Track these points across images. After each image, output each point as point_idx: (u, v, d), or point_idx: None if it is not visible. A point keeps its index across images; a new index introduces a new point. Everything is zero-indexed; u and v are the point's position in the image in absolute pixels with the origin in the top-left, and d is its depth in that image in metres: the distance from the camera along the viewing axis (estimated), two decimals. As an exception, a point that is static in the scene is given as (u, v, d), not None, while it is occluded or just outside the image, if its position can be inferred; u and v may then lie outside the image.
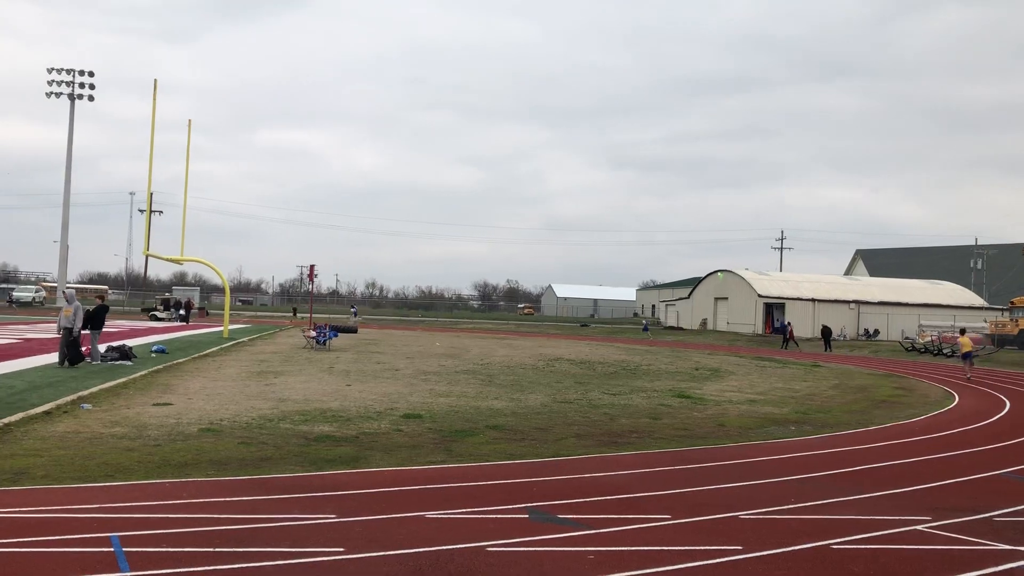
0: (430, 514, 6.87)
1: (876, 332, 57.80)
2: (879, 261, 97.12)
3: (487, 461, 9.57)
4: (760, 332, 60.31)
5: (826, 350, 43.50)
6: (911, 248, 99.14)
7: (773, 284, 64.38)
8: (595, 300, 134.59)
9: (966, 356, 25.83)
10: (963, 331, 28.93)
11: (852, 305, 60.87)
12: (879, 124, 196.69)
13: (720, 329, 66.14)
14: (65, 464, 8.40)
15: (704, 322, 70.85)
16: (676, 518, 7.09)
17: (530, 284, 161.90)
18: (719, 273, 70.27)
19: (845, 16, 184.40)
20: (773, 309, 62.03)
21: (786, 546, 6.33)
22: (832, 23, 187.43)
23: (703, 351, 39.29)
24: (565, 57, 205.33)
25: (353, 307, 66.06)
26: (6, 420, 10.68)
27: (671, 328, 73.34)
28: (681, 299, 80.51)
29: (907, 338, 50.57)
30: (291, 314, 75.35)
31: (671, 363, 28.79)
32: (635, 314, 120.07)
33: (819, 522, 7.21)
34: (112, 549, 5.61)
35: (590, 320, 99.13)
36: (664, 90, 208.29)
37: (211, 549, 5.68)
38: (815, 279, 67.10)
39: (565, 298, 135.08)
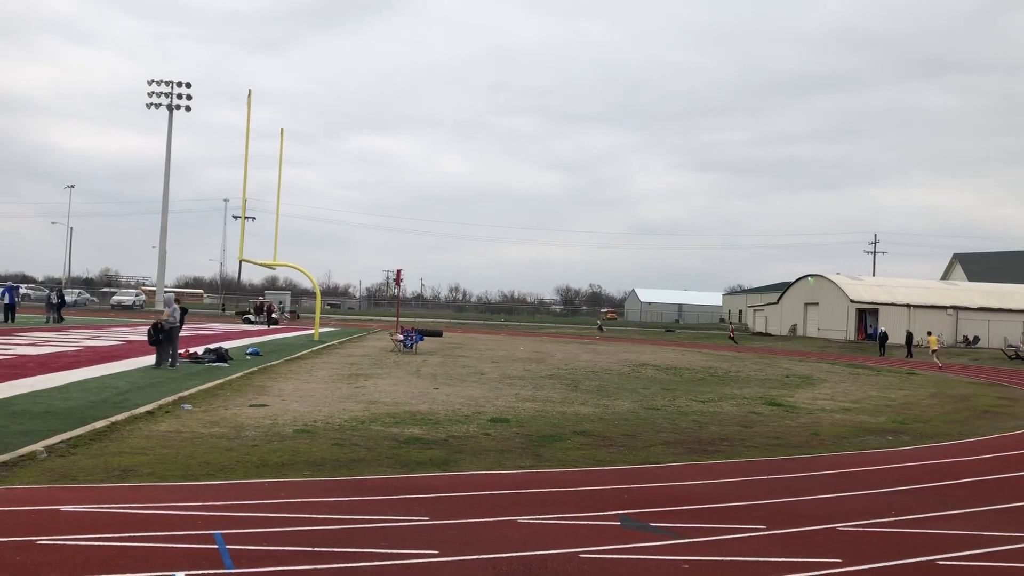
0: (522, 518, 6.88)
1: (976, 339, 55.51)
2: (979, 265, 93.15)
3: (576, 467, 9.53)
4: (852, 338, 58.63)
5: (907, 356, 42.06)
6: (1014, 252, 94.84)
7: (866, 289, 62.52)
8: (680, 305, 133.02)
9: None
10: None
11: (950, 311, 58.65)
12: (981, 122, 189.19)
13: (810, 335, 64.55)
14: (169, 462, 8.71)
15: (794, 328, 69.26)
16: (772, 528, 6.93)
17: (613, 289, 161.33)
18: (809, 278, 68.61)
19: (946, 11, 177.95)
20: (866, 315, 60.23)
21: (889, 560, 6.12)
22: (930, 19, 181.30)
23: (793, 358, 38.40)
24: (651, 59, 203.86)
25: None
26: (113, 419, 11.16)
27: (759, 334, 71.87)
28: (769, 304, 78.87)
29: (1010, 345, 48.46)
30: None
31: (760, 370, 28.22)
32: (721, 319, 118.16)
33: (923, 536, 6.95)
34: (216, 546, 5.78)
35: (675, 325, 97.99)
36: (753, 90, 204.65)
37: (310, 548, 5.80)
38: (910, 283, 64.92)
39: (649, 303, 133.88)
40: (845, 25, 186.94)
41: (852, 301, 60.52)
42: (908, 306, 58.49)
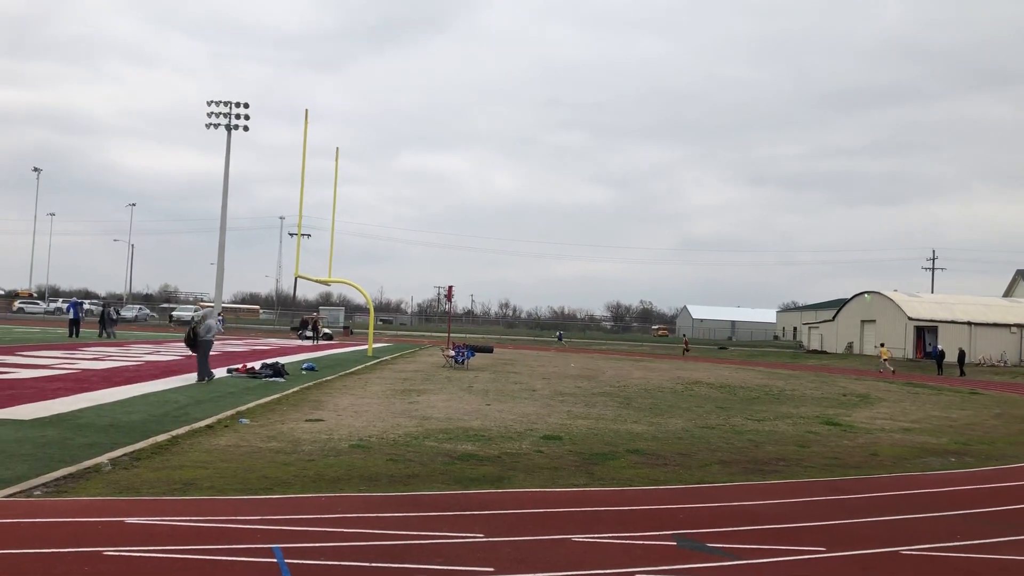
0: (576, 537, 6.86)
1: (1042, 358, 53.93)
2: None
3: (630, 486, 9.47)
4: (911, 356, 57.35)
5: (960, 375, 41.00)
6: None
7: (924, 306, 61.17)
8: (732, 322, 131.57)
9: None
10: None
11: (1013, 329, 57.08)
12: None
13: (867, 353, 63.25)
14: (228, 476, 8.87)
15: (850, 345, 68.00)
16: (832, 551, 6.81)
17: (664, 305, 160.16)
18: (866, 294, 67.37)
19: (1007, 21, 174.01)
20: (925, 332, 58.88)
21: (955, 586, 5.97)
22: (991, 29, 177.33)
23: (849, 376, 37.69)
24: (702, 72, 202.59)
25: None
26: (174, 433, 11.41)
27: (814, 351, 70.68)
28: (825, 321, 77.58)
29: (1078, 365, 46.91)
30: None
31: (816, 388, 27.75)
32: (775, 336, 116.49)
33: (993, 562, 6.77)
34: (275, 560, 5.87)
35: (728, 343, 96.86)
36: (807, 103, 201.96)
37: (368, 564, 5.86)
38: (970, 301, 63.34)
39: (701, 320, 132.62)
40: (902, 36, 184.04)
41: (910, 319, 59.25)
42: (969, 324, 57.06)
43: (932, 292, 77.43)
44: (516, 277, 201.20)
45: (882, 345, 38.57)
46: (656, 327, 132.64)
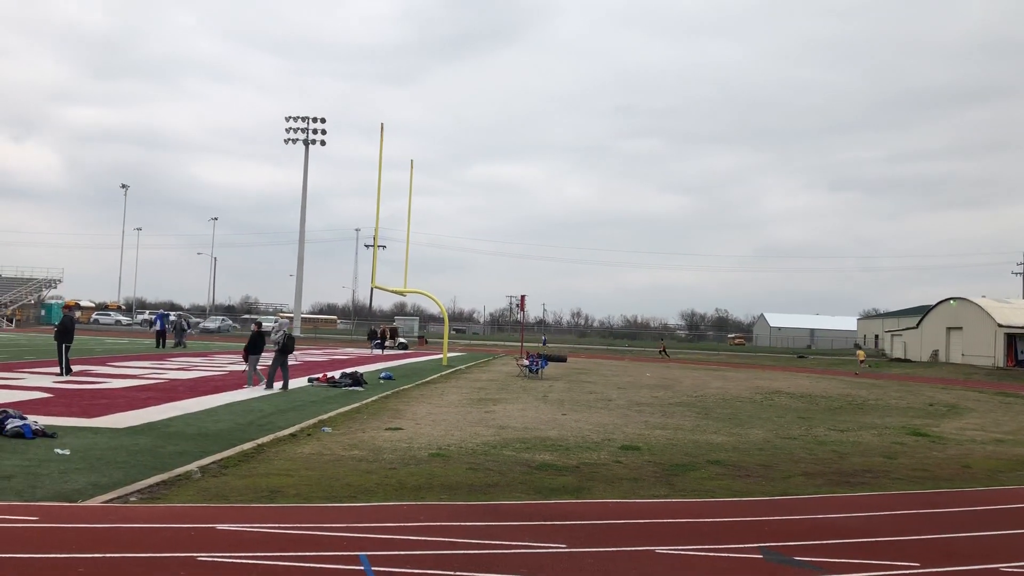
0: (660, 549, 6.79)
1: None
2: None
3: (712, 497, 9.34)
4: (1001, 365, 55.19)
5: None
6: None
7: (1016, 312, 58.82)
8: (811, 330, 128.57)
9: None
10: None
11: (1113, 336, 54.45)
12: None
13: (953, 361, 61.14)
14: (313, 484, 9.05)
15: (935, 354, 65.79)
16: (926, 566, 6.59)
17: (740, 313, 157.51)
18: (951, 301, 65.15)
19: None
20: (1016, 340, 56.61)
21: (1060, 606, 5.72)
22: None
23: (935, 385, 36.46)
24: (779, 76, 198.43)
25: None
26: (259, 441, 11.69)
27: (897, 360, 68.61)
28: (908, 329, 75.24)
29: None
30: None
31: (901, 398, 26.93)
32: (856, 345, 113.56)
33: (1097, 581, 6.46)
34: (361, 567, 5.96)
35: (807, 351, 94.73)
36: (890, 105, 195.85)
37: (452, 572, 5.90)
38: (1066, 307, 60.66)
39: (779, 328, 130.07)
40: (989, 33, 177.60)
41: (1000, 325, 57.03)
42: (1065, 331, 54.68)
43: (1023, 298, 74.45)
44: (588, 286, 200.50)
45: (857, 347, 39.62)
46: (732, 336, 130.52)
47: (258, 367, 20.38)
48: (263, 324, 21.82)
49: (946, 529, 8.08)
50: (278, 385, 19.72)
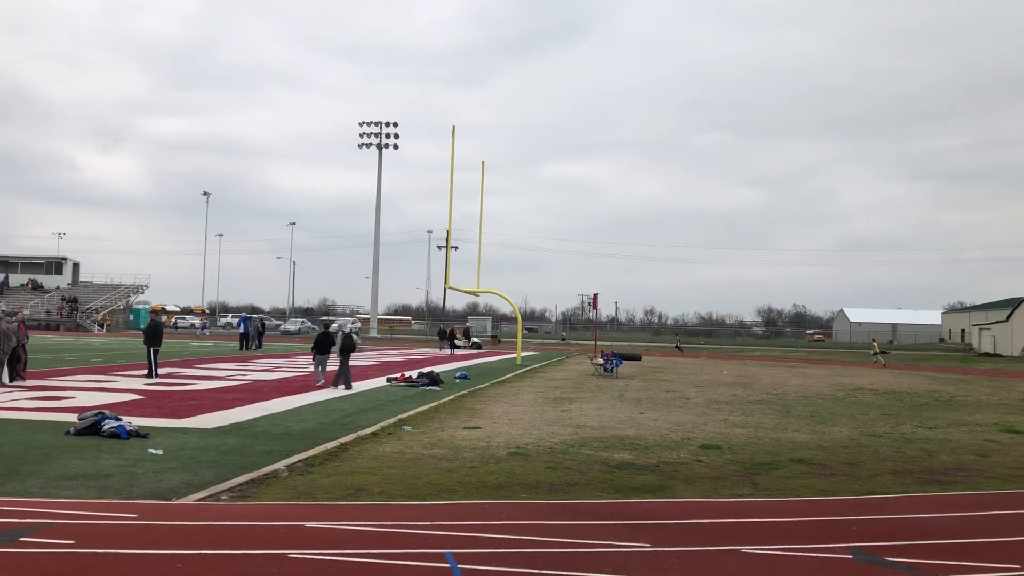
0: (746, 549, 6.70)
1: None
2: None
3: (796, 496, 9.17)
4: (1099, 359, 52.78)
5: None
6: None
7: (1114, 304, 56.17)
8: (893, 325, 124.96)
9: None
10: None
11: None
12: None
13: (1048, 356, 58.71)
14: (396, 482, 9.19)
15: (1027, 348, 63.29)
16: (1027, 569, 6.36)
17: (819, 309, 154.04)
18: (1044, 292, 62.53)
19: None
20: (1115, 333, 54.07)
21: None
22: None
23: (1029, 380, 35.05)
24: (855, 65, 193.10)
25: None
26: (342, 440, 11.93)
27: (985, 354, 66.19)
28: (998, 322, 72.55)
29: None
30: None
31: (992, 393, 25.98)
32: (941, 339, 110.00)
33: None
34: (447, 565, 6.03)
35: (889, 347, 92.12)
36: (974, 92, 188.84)
37: (537, 570, 5.93)
38: None
39: (859, 323, 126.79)
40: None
41: (1098, 317, 54.56)
42: None
43: (1122, 288, 71.13)
44: (661, 283, 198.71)
45: (873, 340, 43.47)
46: (811, 332, 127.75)
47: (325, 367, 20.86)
48: (330, 325, 22.38)
49: (1046, 530, 7.77)
50: (341, 387, 20.06)
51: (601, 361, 30.65)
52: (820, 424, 16.17)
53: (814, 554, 6.64)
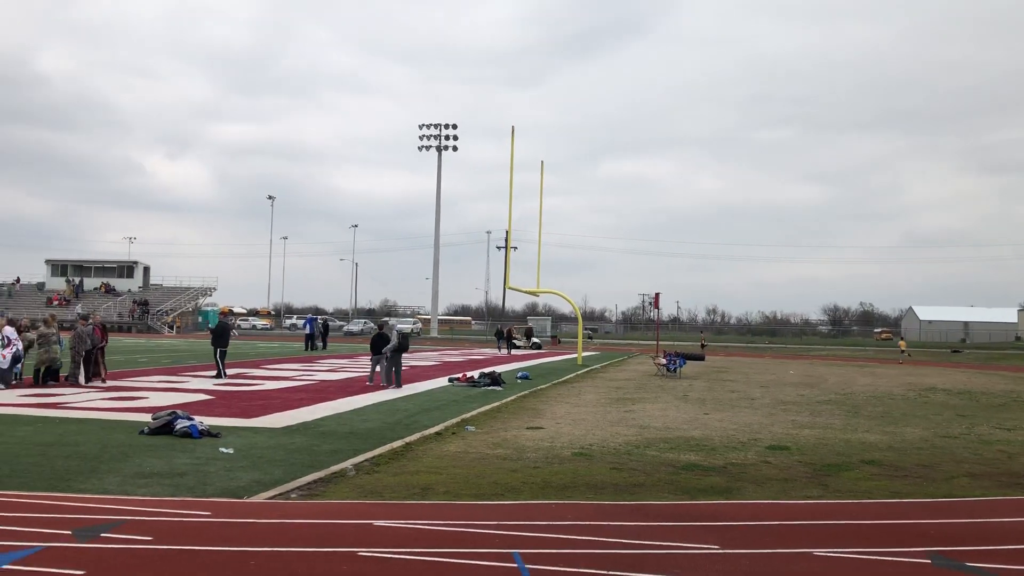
0: (818, 551, 6.57)
1: None
2: None
3: (869, 498, 8.96)
4: None
5: None
6: None
7: None
8: (966, 323, 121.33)
9: None
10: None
11: None
12: None
13: None
14: (461, 481, 9.23)
15: (1109, 346, 60.88)
16: (1116, 577, 6.11)
17: (887, 307, 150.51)
18: None
19: None
20: None
21: None
22: None
23: (1112, 380, 33.70)
24: (922, 56, 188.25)
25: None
26: (407, 439, 12.04)
27: (1065, 353, 63.86)
28: (1077, 320, 69.89)
29: None
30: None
31: (1073, 394, 25.04)
32: (1017, 338, 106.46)
33: None
34: (515, 565, 6.03)
35: (961, 345, 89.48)
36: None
37: (605, 571, 5.89)
38: None
39: (929, 321, 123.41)
40: None
41: None
42: None
43: None
44: (723, 282, 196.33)
45: (902, 339, 50.35)
46: (879, 330, 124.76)
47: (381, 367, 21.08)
48: (384, 325, 22.67)
49: None
50: (392, 387, 20.24)
51: (664, 361, 30.39)
52: (891, 425, 15.78)
53: (890, 558, 6.47)
